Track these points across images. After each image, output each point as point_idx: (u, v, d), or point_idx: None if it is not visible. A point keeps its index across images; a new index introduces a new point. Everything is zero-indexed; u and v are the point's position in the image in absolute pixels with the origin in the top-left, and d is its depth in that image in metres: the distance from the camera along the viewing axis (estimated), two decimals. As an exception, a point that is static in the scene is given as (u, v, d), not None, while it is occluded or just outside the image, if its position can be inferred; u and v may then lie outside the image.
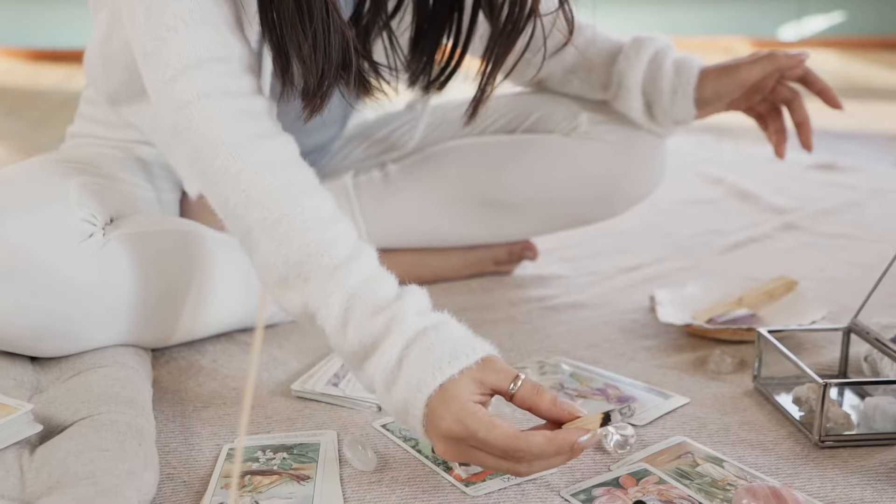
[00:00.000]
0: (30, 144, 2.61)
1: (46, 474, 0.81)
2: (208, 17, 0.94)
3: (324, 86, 0.99)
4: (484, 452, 0.81)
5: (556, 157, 1.36)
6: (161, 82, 0.94)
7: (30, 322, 0.99)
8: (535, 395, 0.84)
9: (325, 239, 0.90)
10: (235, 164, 0.92)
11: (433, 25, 1.14)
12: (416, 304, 0.88)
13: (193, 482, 0.89)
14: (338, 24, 0.96)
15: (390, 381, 0.85)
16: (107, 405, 0.92)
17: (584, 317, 1.33)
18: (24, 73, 4.06)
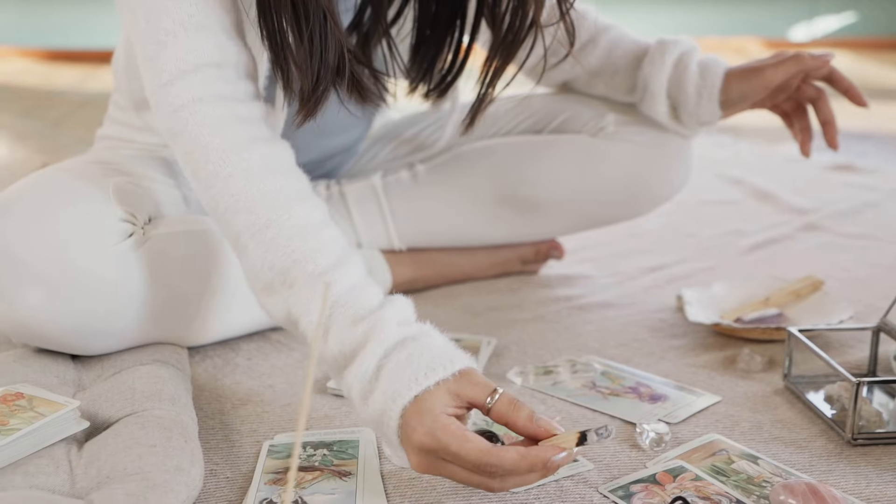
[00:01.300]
0: (50, 144, 2.63)
1: (95, 469, 0.83)
2: (207, 22, 0.95)
3: (318, 90, 0.99)
4: (456, 466, 0.80)
5: (584, 158, 1.37)
6: (158, 86, 0.95)
7: (71, 321, 1.00)
8: (512, 410, 0.82)
9: (311, 246, 0.89)
10: (225, 169, 0.92)
11: (434, 33, 1.15)
12: (397, 314, 0.87)
13: (236, 478, 0.91)
14: (334, 30, 0.96)
15: (367, 390, 0.84)
16: (150, 402, 0.93)
17: (612, 316, 1.34)
18: (40, 73, 4.08)
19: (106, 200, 1.02)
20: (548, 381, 1.12)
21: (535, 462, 0.78)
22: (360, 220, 1.38)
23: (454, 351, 0.85)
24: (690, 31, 4.58)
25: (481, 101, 1.13)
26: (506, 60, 1.10)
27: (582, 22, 1.33)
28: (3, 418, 0.86)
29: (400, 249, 1.41)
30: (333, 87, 1.01)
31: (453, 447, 0.79)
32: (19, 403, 0.89)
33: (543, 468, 0.79)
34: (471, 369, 0.84)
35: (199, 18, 0.94)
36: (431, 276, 1.44)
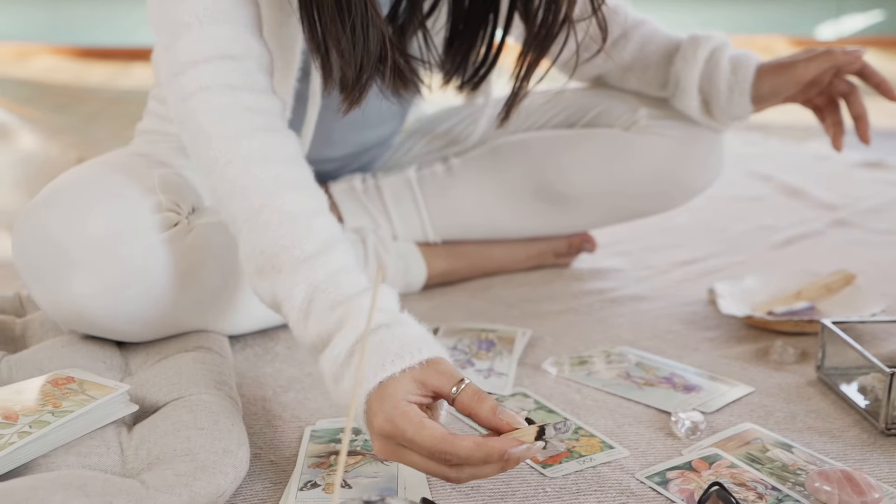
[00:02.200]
0: (83, 139, 2.66)
1: (146, 451, 0.85)
2: (223, 16, 0.97)
3: (362, 78, 1.02)
4: (414, 453, 0.80)
5: (617, 151, 1.38)
6: (171, 75, 0.98)
7: (117, 309, 1.02)
8: (476, 402, 0.81)
9: (298, 232, 0.90)
10: (225, 156, 0.94)
11: (468, 26, 1.16)
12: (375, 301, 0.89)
13: (280, 461, 0.93)
14: (375, 20, 0.99)
15: (339, 374, 0.85)
16: (197, 387, 0.95)
17: (645, 309, 1.35)
18: (71, 70, 4.12)
19: (151, 191, 1.04)
20: (583, 372, 1.13)
21: (490, 453, 0.77)
22: (396, 213, 1.40)
23: (425, 340, 0.85)
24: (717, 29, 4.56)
25: (515, 94, 1.14)
26: (539, 55, 1.11)
27: (615, 17, 1.34)
28: (56, 401, 0.88)
29: (435, 242, 1.43)
30: (376, 74, 1.03)
31: (409, 433, 0.79)
32: (70, 387, 0.91)
33: (500, 460, 0.78)
34: (439, 359, 0.84)
35: (214, 11, 0.96)
36: (465, 269, 1.46)
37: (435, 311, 1.35)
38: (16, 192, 2.21)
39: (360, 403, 0.82)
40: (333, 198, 1.40)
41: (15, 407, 0.87)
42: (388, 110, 1.41)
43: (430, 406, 0.85)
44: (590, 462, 0.92)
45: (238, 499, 0.86)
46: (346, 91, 1.04)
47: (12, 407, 0.87)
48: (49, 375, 0.94)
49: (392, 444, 0.81)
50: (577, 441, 0.97)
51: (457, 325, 1.26)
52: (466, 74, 1.21)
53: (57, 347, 1.06)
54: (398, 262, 1.38)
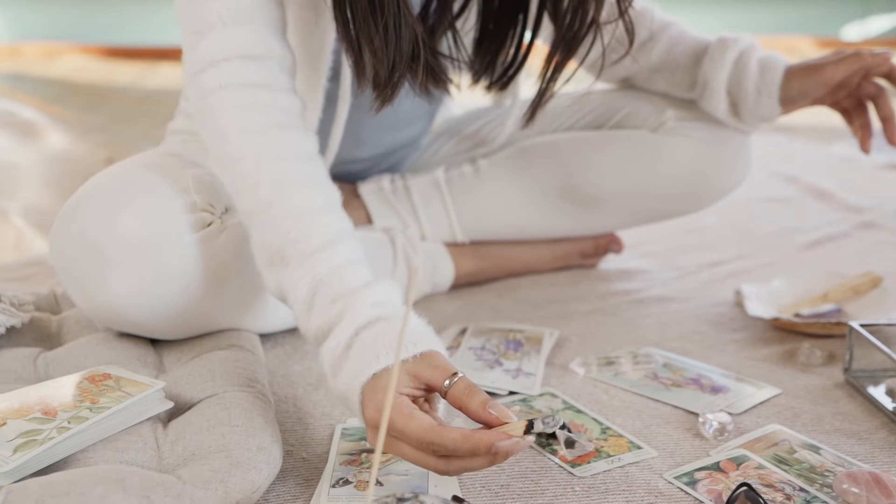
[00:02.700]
0: (112, 138, 2.69)
1: (181, 447, 0.86)
2: (246, 16, 0.99)
3: (394, 76, 1.03)
4: (404, 443, 0.81)
5: (644, 153, 1.39)
6: (193, 73, 1.00)
7: (151, 308, 1.04)
8: (467, 396, 0.82)
9: (306, 227, 0.92)
10: (239, 151, 0.97)
11: (497, 27, 1.17)
12: (373, 295, 0.89)
13: (311, 458, 0.94)
14: (408, 19, 1.00)
15: (337, 366, 0.86)
16: (230, 385, 0.97)
17: (672, 310, 1.36)
18: (99, 69, 4.16)
19: (185, 191, 1.06)
20: (610, 372, 1.14)
21: (477, 445, 0.78)
22: (424, 214, 1.41)
23: (421, 334, 0.87)
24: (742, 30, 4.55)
25: (542, 95, 1.15)
26: (566, 56, 1.12)
27: (642, 19, 1.35)
28: (94, 397, 0.90)
29: (462, 242, 1.44)
30: (408, 73, 1.04)
31: (399, 424, 0.80)
32: (107, 384, 0.93)
33: (487, 453, 0.78)
34: (434, 353, 0.85)
35: (237, 12, 0.98)
36: (493, 269, 1.47)
37: (462, 310, 1.36)
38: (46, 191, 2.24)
39: (355, 394, 0.84)
40: (362, 198, 1.42)
41: (53, 403, 0.89)
42: (416, 111, 1.43)
43: (429, 399, 0.86)
44: (618, 462, 0.93)
45: (271, 495, 0.88)
46: (378, 89, 1.05)
47: (51, 403, 0.89)
48: (86, 372, 0.96)
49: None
50: (606, 441, 0.97)
51: (485, 325, 1.27)
52: (495, 74, 1.22)
53: (92, 345, 1.08)
54: (426, 263, 1.39)
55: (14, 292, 1.18)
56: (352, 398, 0.85)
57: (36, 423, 0.85)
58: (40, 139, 2.75)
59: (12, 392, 0.92)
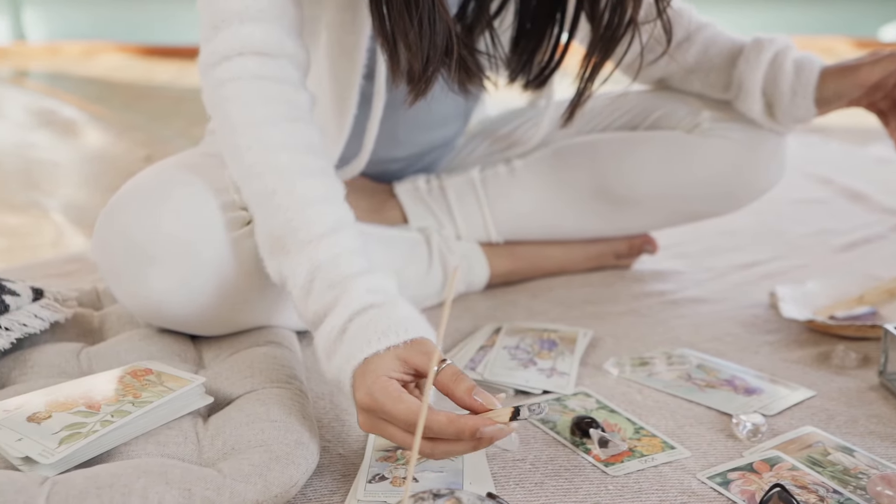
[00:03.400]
0: (151, 137, 2.72)
1: (221, 441, 0.88)
2: (261, 15, 1.02)
3: (428, 70, 1.05)
4: (392, 426, 0.84)
5: (679, 154, 1.39)
6: (208, 65, 1.03)
7: (192, 304, 1.06)
8: (454, 382, 0.85)
9: (306, 216, 0.95)
10: (246, 141, 1.00)
11: (535, 26, 1.18)
12: (368, 282, 0.92)
13: (348, 454, 0.96)
14: (442, 14, 1.02)
15: (331, 350, 0.89)
16: (269, 381, 0.98)
17: (705, 311, 1.36)
18: (138, 68, 4.21)
19: (223, 190, 1.07)
20: (643, 373, 1.15)
21: (462, 429, 0.80)
22: (459, 213, 1.42)
23: (413, 321, 0.89)
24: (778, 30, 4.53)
25: (580, 95, 1.16)
26: (604, 56, 1.13)
27: (679, 20, 1.36)
28: (136, 391, 0.92)
29: (497, 242, 1.45)
30: (442, 67, 1.06)
31: (387, 406, 0.83)
32: (149, 378, 0.95)
33: (472, 438, 0.81)
34: (424, 339, 0.88)
35: (253, 11, 1.01)
36: (527, 269, 1.48)
37: (497, 310, 1.37)
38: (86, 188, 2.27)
39: (347, 378, 0.87)
40: (398, 198, 1.43)
41: (97, 397, 0.91)
42: (452, 111, 1.44)
43: (419, 385, 0.89)
44: (651, 462, 0.94)
45: (308, 489, 0.89)
46: (412, 83, 1.07)
47: (94, 397, 0.91)
48: (128, 367, 0.98)
49: (373, 418, 0.86)
50: (639, 441, 0.98)
51: (519, 325, 1.28)
52: (532, 73, 1.22)
53: (134, 340, 1.10)
54: (461, 262, 1.40)
55: (58, 288, 1.21)
56: (344, 381, 0.88)
57: (80, 416, 0.87)
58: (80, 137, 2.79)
59: (57, 386, 0.95)
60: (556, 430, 1.00)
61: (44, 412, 0.88)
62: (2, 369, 1.04)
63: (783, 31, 1.36)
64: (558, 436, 0.99)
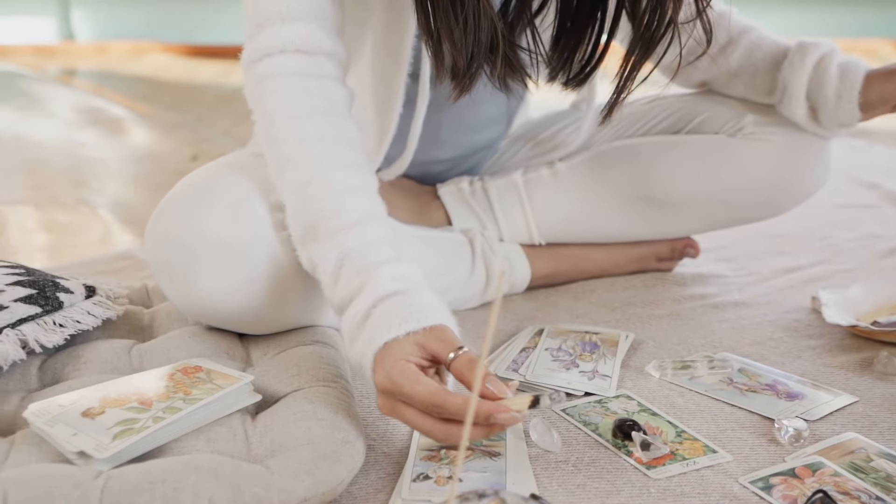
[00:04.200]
0: (196, 136, 2.75)
1: (269, 439, 0.90)
2: (302, 15, 1.05)
3: (472, 67, 1.07)
4: (410, 408, 0.86)
5: (722, 158, 1.39)
6: (250, 62, 1.06)
7: (239, 304, 1.08)
8: (469, 369, 0.87)
9: (338, 206, 0.98)
10: (282, 133, 1.02)
11: (575, 25, 1.19)
12: (394, 271, 0.94)
13: (392, 453, 0.97)
14: (487, 11, 1.03)
15: (354, 335, 0.92)
16: (316, 379, 1.00)
17: (747, 315, 1.36)
18: (182, 68, 4.25)
19: (271, 191, 1.09)
20: (685, 376, 1.15)
21: (476, 413, 0.83)
22: (502, 215, 1.44)
23: (433, 309, 0.91)
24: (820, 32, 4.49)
25: (619, 94, 1.17)
26: (644, 56, 1.14)
27: (721, 23, 1.36)
28: (187, 388, 0.94)
29: (539, 244, 1.46)
30: (486, 64, 1.08)
31: (406, 388, 0.85)
32: (199, 376, 0.97)
33: (486, 423, 0.83)
34: (444, 326, 0.90)
35: (295, 11, 1.04)
36: (568, 271, 1.49)
37: (539, 311, 1.38)
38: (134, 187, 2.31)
39: (368, 361, 0.90)
40: (442, 199, 1.45)
41: (149, 393, 0.93)
42: (495, 113, 1.45)
43: (439, 372, 0.91)
44: (693, 465, 0.95)
45: (354, 487, 0.91)
46: (456, 79, 1.09)
47: (146, 393, 0.93)
48: (178, 364, 1.00)
49: (391, 400, 0.88)
50: (681, 444, 0.99)
51: (561, 327, 1.29)
52: (572, 71, 1.23)
53: (183, 338, 1.12)
54: (503, 264, 1.41)
55: (109, 286, 1.23)
56: (365, 365, 0.91)
57: (133, 412, 0.90)
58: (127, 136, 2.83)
59: (109, 382, 0.97)
60: (598, 433, 1.01)
61: (97, 408, 0.90)
62: (56, 365, 1.07)
63: (825, 32, 1.36)
64: (600, 438, 1.00)
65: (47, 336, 1.06)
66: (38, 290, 1.09)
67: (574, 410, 1.06)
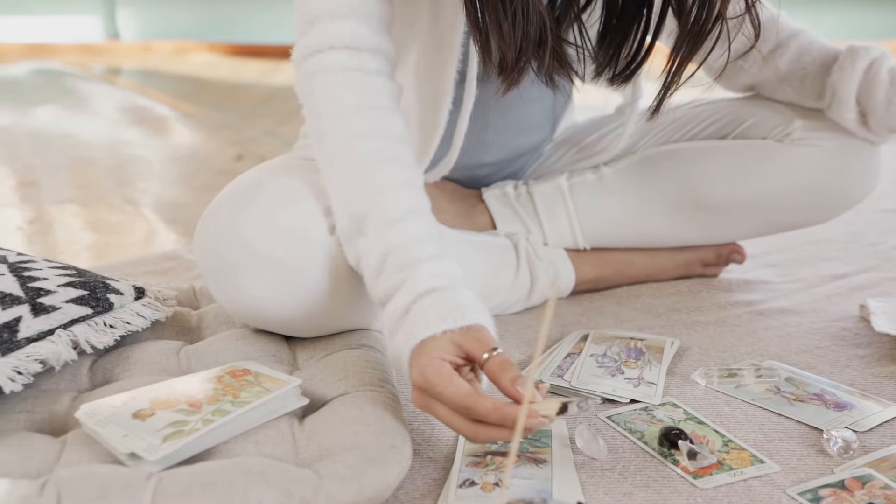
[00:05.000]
0: (240, 135, 2.77)
1: (316, 443, 0.90)
2: (352, 12, 1.06)
3: (521, 61, 1.07)
4: (442, 405, 0.88)
5: (770, 163, 1.38)
6: (300, 58, 1.08)
7: (291, 306, 1.08)
8: (501, 371, 0.88)
9: (383, 201, 0.99)
10: (329, 129, 1.04)
11: (621, 21, 1.18)
12: (435, 268, 0.95)
13: (438, 458, 0.98)
14: (536, 5, 1.04)
15: (395, 329, 0.94)
16: (363, 384, 1.00)
17: (794, 323, 1.35)
18: (226, 67, 4.29)
19: (322, 194, 1.09)
20: (731, 384, 1.14)
21: (505, 417, 0.84)
22: (547, 219, 1.43)
23: (470, 308, 0.93)
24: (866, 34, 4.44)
25: (666, 90, 1.17)
26: (691, 51, 1.13)
27: (771, 26, 1.34)
28: (235, 391, 0.95)
29: (584, 248, 1.45)
30: (534, 58, 1.08)
31: (439, 387, 0.87)
32: (247, 379, 0.98)
33: (514, 427, 0.83)
34: (480, 326, 0.91)
35: (345, 8, 1.06)
36: (613, 276, 1.48)
37: (583, 316, 1.38)
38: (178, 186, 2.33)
39: (405, 356, 0.92)
40: (486, 203, 1.45)
41: (198, 395, 0.94)
42: (541, 117, 1.45)
43: (474, 369, 0.92)
44: (740, 475, 0.94)
45: (400, 492, 0.91)
46: (504, 73, 1.10)
47: (196, 395, 0.94)
48: (227, 367, 1.01)
49: (425, 396, 0.90)
50: (728, 453, 0.98)
51: (606, 333, 1.29)
52: (618, 67, 1.22)
53: (231, 340, 1.13)
54: (548, 268, 1.41)
55: (158, 287, 1.25)
56: (402, 360, 0.93)
57: (182, 414, 0.91)
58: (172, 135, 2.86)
59: (159, 383, 0.98)
60: (644, 440, 1.01)
61: (148, 409, 0.92)
62: (106, 365, 1.09)
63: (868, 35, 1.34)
64: (646, 446, 1.00)
65: (98, 337, 1.08)
66: (89, 291, 1.10)
67: (619, 418, 1.06)
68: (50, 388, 1.02)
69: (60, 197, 2.22)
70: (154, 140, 2.82)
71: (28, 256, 1.16)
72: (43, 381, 1.03)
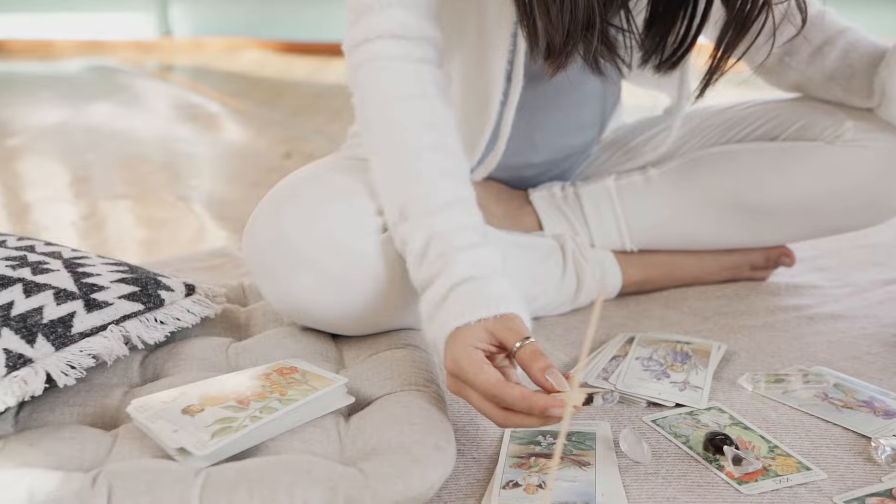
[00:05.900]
0: (289, 133, 2.80)
1: (362, 442, 0.91)
2: (399, 2, 1.07)
3: (568, 45, 1.08)
4: (473, 391, 0.90)
5: (820, 166, 1.37)
6: (350, 47, 1.10)
7: (339, 306, 1.09)
8: (531, 360, 0.89)
9: (427, 189, 1.01)
10: (377, 117, 1.06)
11: (668, 8, 1.18)
12: (474, 256, 0.97)
13: (482, 459, 0.98)
14: None
15: (432, 316, 0.96)
16: (408, 383, 1.01)
17: (844, 328, 1.34)
18: (276, 64, 4.32)
19: (374, 194, 1.10)
20: (779, 390, 1.14)
21: (533, 406, 0.85)
22: (594, 221, 1.43)
23: (506, 298, 0.94)
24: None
25: (712, 74, 1.17)
26: (737, 37, 1.13)
27: (819, 23, 1.33)
28: (282, 389, 0.96)
29: (631, 250, 1.45)
30: (582, 42, 1.09)
31: (470, 374, 0.89)
32: (294, 377, 0.99)
33: (541, 415, 0.86)
34: (514, 315, 0.93)
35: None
36: (660, 278, 1.48)
37: (629, 319, 1.38)
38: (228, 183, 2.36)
39: (441, 343, 0.94)
40: (534, 204, 1.45)
41: (246, 392, 0.96)
42: (590, 117, 1.45)
43: (509, 357, 0.93)
44: (786, 482, 0.93)
45: (444, 492, 0.92)
46: (552, 57, 1.11)
47: (244, 392, 0.96)
48: (275, 364, 1.02)
49: (458, 382, 0.92)
50: (773, 460, 0.98)
51: (652, 336, 1.29)
52: (664, 54, 1.22)
53: (279, 337, 1.14)
54: (595, 270, 1.41)
55: (207, 284, 1.26)
56: (438, 346, 0.95)
57: (231, 410, 0.92)
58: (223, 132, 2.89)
59: (208, 380, 1.00)
60: (689, 445, 1.00)
61: (197, 405, 0.93)
62: (156, 361, 1.10)
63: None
64: (691, 451, 0.99)
65: (149, 332, 1.10)
66: (141, 287, 1.12)
67: (664, 422, 1.06)
68: (102, 383, 1.04)
69: (113, 193, 2.26)
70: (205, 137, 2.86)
71: (82, 252, 1.18)
72: (95, 376, 1.05)
